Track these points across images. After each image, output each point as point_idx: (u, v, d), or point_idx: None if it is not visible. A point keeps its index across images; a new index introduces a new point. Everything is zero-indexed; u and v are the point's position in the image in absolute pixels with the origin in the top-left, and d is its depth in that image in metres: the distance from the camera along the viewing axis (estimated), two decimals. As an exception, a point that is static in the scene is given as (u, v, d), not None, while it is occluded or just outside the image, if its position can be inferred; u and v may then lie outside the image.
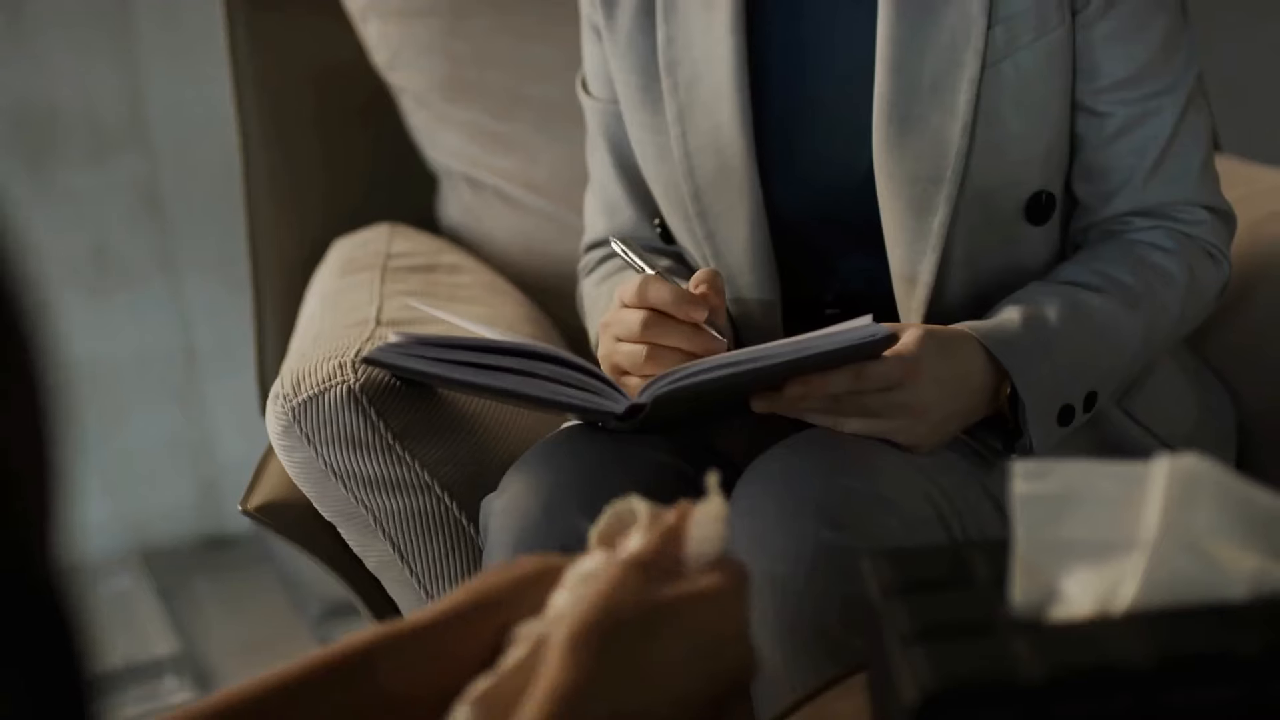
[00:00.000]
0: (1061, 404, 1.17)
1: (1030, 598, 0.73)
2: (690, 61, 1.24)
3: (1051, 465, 0.75)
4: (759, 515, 1.08)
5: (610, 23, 1.28)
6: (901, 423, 1.11)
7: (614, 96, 1.31)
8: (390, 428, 1.20)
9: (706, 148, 1.24)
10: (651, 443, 1.18)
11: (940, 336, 1.13)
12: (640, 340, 1.13)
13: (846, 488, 1.07)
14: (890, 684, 0.73)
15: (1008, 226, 1.22)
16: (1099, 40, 1.20)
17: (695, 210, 1.25)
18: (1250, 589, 0.71)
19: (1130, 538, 0.73)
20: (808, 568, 1.05)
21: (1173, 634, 0.70)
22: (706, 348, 1.12)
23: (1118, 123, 1.22)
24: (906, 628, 0.74)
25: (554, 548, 1.12)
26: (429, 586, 1.23)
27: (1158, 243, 1.23)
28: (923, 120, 1.18)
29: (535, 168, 1.68)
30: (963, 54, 1.18)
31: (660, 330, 1.12)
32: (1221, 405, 1.35)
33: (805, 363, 1.07)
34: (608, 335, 1.16)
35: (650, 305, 1.13)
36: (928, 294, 1.21)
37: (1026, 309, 1.17)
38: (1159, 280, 1.22)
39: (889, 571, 0.79)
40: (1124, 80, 1.21)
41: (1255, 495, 0.73)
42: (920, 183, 1.19)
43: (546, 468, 1.15)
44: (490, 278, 1.60)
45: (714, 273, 1.17)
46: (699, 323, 1.12)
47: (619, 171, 1.33)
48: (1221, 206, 1.26)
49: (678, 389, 1.07)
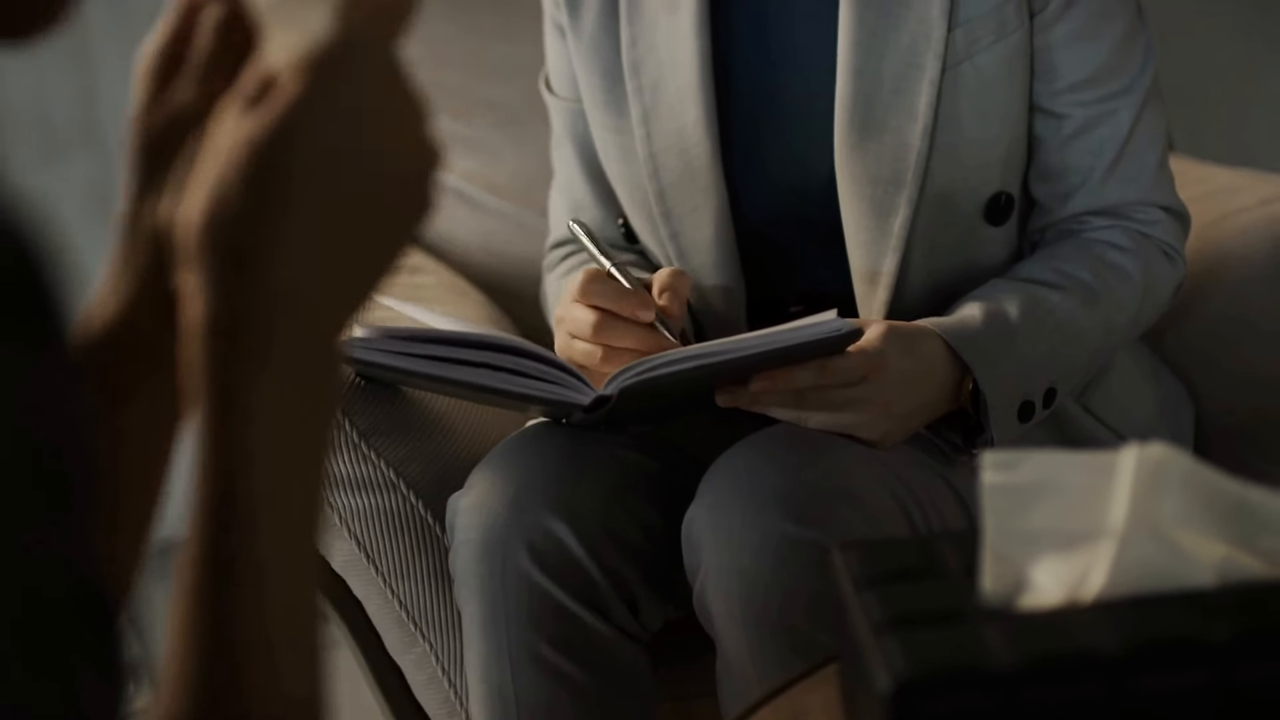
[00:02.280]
0: (1022, 399, 1.18)
1: (1000, 587, 0.74)
2: (655, 63, 1.24)
3: (1020, 455, 0.76)
4: (723, 510, 1.08)
5: (574, 23, 1.28)
6: (865, 418, 1.12)
7: (578, 96, 1.31)
8: (355, 425, 1.20)
9: (671, 149, 1.24)
10: (617, 439, 1.18)
11: (903, 332, 1.14)
12: (593, 341, 1.13)
13: (811, 482, 1.08)
14: (862, 674, 0.74)
15: (968, 227, 1.23)
16: (1057, 42, 1.21)
17: (660, 211, 1.26)
18: (1217, 576, 0.72)
19: (1098, 526, 0.74)
20: (772, 562, 1.06)
21: (1141, 621, 0.71)
22: (659, 348, 1.12)
23: (1075, 123, 1.23)
24: (878, 617, 0.74)
25: (520, 546, 1.13)
26: (394, 586, 1.22)
27: (1115, 241, 1.25)
28: (883, 123, 1.19)
29: (496, 169, 1.68)
30: (923, 57, 1.19)
31: (611, 331, 1.13)
32: (1179, 402, 1.37)
33: (770, 357, 1.08)
34: (562, 330, 1.17)
35: (595, 305, 1.13)
36: (889, 294, 1.22)
37: (988, 305, 1.18)
38: (1116, 278, 1.23)
39: (859, 562, 0.79)
40: (1081, 81, 1.22)
41: (1222, 483, 0.74)
42: (881, 184, 1.20)
43: (512, 465, 1.15)
44: (451, 279, 1.60)
45: (677, 273, 1.17)
46: (649, 321, 1.13)
47: (584, 170, 1.34)
48: (1176, 206, 1.28)
49: (643, 381, 1.07)
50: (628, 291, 1.13)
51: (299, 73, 0.56)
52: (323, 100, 0.56)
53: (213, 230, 0.55)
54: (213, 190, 0.55)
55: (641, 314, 1.13)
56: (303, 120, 0.55)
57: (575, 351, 1.15)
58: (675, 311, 1.15)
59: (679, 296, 1.15)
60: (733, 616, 1.07)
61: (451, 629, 1.22)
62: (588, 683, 1.14)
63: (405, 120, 0.57)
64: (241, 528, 0.55)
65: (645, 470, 1.19)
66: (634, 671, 1.16)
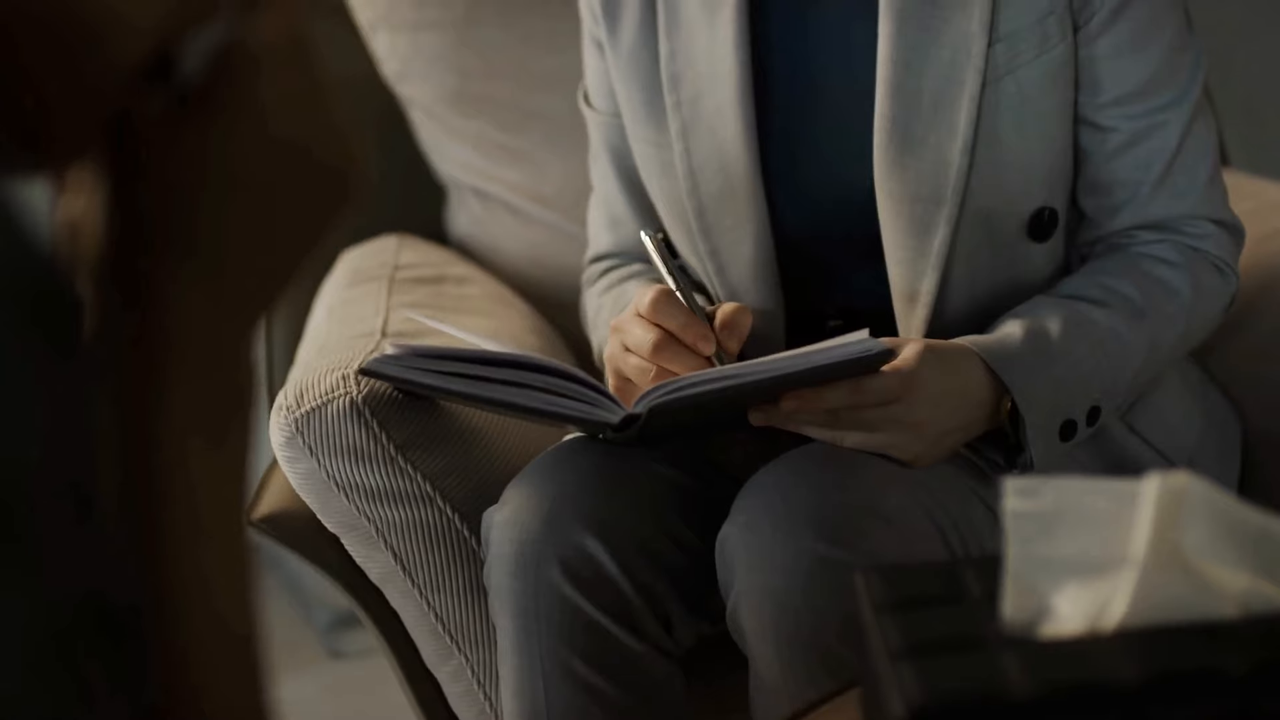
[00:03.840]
0: (1063, 419, 1.17)
1: (1021, 614, 0.74)
2: (694, 77, 1.24)
3: (1043, 482, 0.76)
4: (756, 530, 1.08)
5: (613, 37, 1.28)
6: (900, 437, 1.12)
7: (616, 109, 1.31)
8: (393, 439, 1.21)
9: (710, 163, 1.24)
10: (651, 456, 1.18)
11: (940, 351, 1.13)
12: (649, 360, 1.13)
13: (844, 503, 1.08)
14: (880, 699, 0.74)
15: (1010, 244, 1.22)
16: (1101, 56, 1.19)
17: (699, 227, 1.25)
18: (1239, 607, 0.72)
19: (1120, 555, 0.73)
20: (804, 582, 1.05)
21: (1161, 651, 0.70)
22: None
23: (1122, 137, 1.21)
24: (896, 643, 0.74)
25: (554, 561, 1.13)
26: (431, 598, 1.23)
27: (1163, 256, 1.23)
28: (922, 140, 1.18)
29: (543, 180, 1.68)
30: (963, 72, 1.17)
31: (670, 356, 1.12)
32: (1226, 420, 1.35)
33: (802, 376, 1.07)
34: (617, 339, 1.17)
35: (662, 325, 1.13)
36: (928, 313, 1.21)
37: (1028, 323, 1.17)
38: (1163, 294, 1.22)
39: (881, 587, 0.79)
40: (1127, 95, 1.20)
41: (1244, 514, 0.73)
42: (920, 202, 1.19)
43: (548, 480, 1.15)
44: (498, 289, 1.61)
45: (740, 310, 1.16)
46: (707, 354, 1.13)
47: (622, 184, 1.34)
48: (1229, 220, 1.26)
49: (674, 400, 1.07)
50: (694, 320, 1.13)
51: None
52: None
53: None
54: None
55: (702, 346, 1.13)
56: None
57: (628, 366, 1.15)
58: (733, 350, 1.15)
59: (738, 335, 1.15)
60: (764, 635, 1.07)
61: (487, 642, 1.23)
62: (621, 698, 1.14)
63: (316, 109, 0.59)
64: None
65: (681, 487, 1.19)
66: (667, 687, 1.16)
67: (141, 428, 0.55)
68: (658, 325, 1.13)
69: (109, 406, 0.51)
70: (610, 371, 1.18)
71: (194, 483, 0.55)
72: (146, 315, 0.55)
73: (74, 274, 0.50)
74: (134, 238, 0.55)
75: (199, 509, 0.55)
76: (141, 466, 0.55)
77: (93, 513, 0.48)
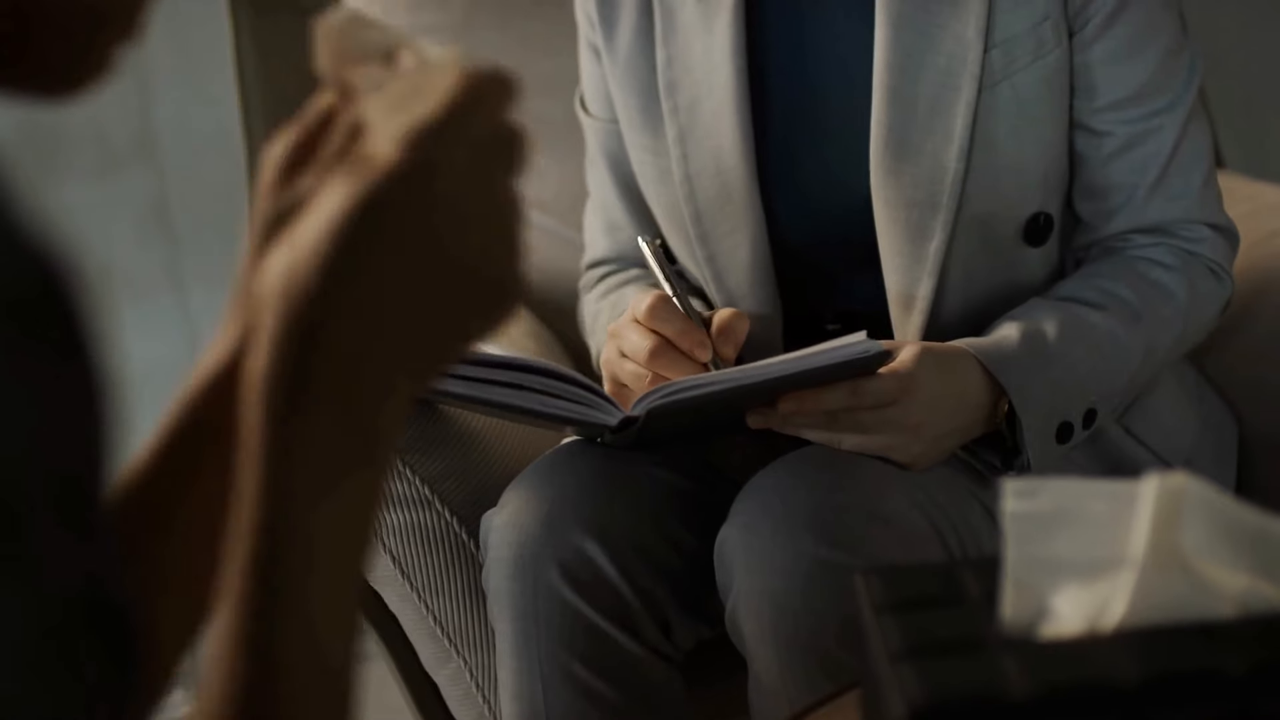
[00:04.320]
0: (1060, 421, 1.17)
1: (1020, 615, 0.74)
2: (691, 84, 1.24)
3: (1042, 483, 0.76)
4: (754, 531, 1.08)
5: (609, 44, 1.28)
6: (898, 439, 1.12)
7: (613, 116, 1.31)
8: (391, 443, 1.21)
9: (707, 170, 1.24)
10: (650, 459, 1.18)
11: (937, 353, 1.13)
12: (645, 366, 1.14)
13: (843, 505, 1.08)
14: (880, 701, 0.74)
15: (1006, 249, 1.23)
16: (1096, 61, 1.20)
17: (697, 233, 1.26)
18: (1239, 607, 0.72)
19: (1119, 556, 0.73)
20: (803, 585, 1.06)
21: (1161, 652, 0.70)
22: None
23: (1117, 141, 1.22)
24: (896, 644, 0.74)
25: (552, 564, 1.13)
26: (429, 602, 1.23)
27: (1159, 259, 1.23)
28: (918, 146, 1.19)
29: (541, 185, 1.69)
30: (959, 78, 1.18)
31: (666, 362, 1.13)
32: (1222, 422, 1.35)
33: (799, 379, 1.07)
34: (613, 345, 1.17)
35: (659, 331, 1.13)
36: (923, 318, 1.21)
37: (1025, 325, 1.17)
38: (1160, 297, 1.22)
39: (881, 588, 0.79)
40: (1123, 100, 1.21)
41: (1243, 514, 0.73)
42: (916, 208, 1.19)
43: (546, 484, 1.15)
44: (494, 294, 1.61)
45: (737, 316, 1.16)
46: (704, 361, 1.13)
47: (619, 190, 1.34)
48: (1224, 223, 1.26)
49: (673, 403, 1.07)
50: (691, 326, 1.13)
51: (395, 145, 0.56)
52: (415, 177, 0.56)
53: (285, 296, 0.55)
54: (292, 257, 0.55)
55: (699, 352, 1.13)
56: (391, 194, 0.55)
57: (624, 371, 1.16)
58: (729, 356, 1.15)
59: (734, 341, 1.15)
60: (763, 638, 1.07)
61: (486, 646, 1.23)
62: (620, 701, 1.14)
63: (497, 217, 0.57)
64: (290, 571, 0.55)
65: (679, 490, 1.19)
66: (667, 690, 1.16)
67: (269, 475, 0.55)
68: (654, 331, 1.14)
69: (110, 414, 0.51)
70: (607, 377, 1.19)
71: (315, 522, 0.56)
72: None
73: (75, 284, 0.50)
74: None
75: (313, 541, 0.56)
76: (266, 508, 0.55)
77: (92, 513, 0.49)
